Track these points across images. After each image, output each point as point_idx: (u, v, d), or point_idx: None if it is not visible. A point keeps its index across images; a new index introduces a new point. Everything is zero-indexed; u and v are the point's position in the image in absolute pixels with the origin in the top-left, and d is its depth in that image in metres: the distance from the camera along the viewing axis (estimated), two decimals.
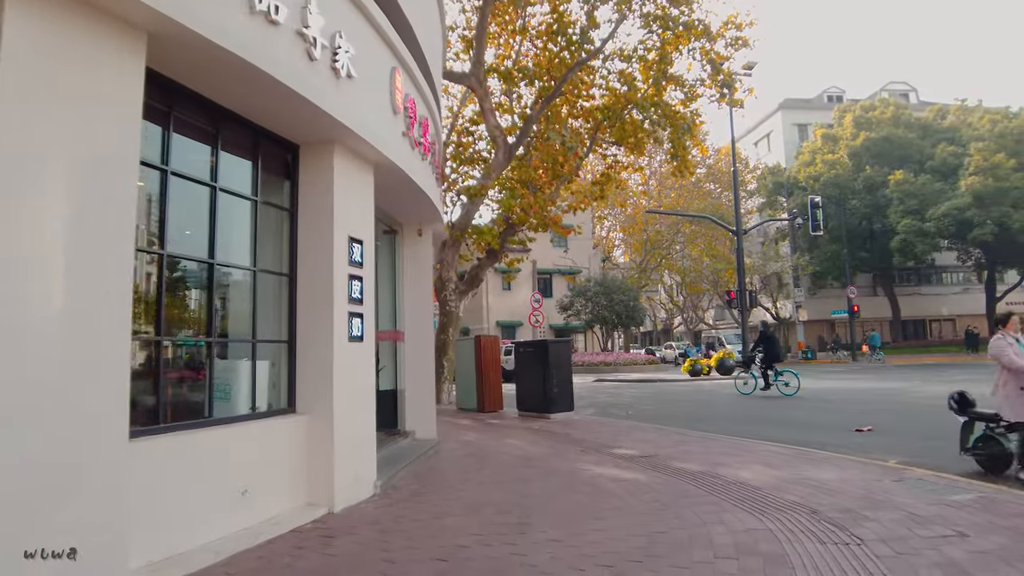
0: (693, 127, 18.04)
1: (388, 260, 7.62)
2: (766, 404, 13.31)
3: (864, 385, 17.45)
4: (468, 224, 16.01)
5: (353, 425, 4.79)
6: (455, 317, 15.94)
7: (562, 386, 10.94)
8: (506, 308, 39.79)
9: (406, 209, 7.12)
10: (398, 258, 7.63)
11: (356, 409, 4.86)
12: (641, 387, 20.57)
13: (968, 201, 33.65)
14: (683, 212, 36.86)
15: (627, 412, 12.72)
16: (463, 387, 13.20)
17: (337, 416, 4.56)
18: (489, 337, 12.72)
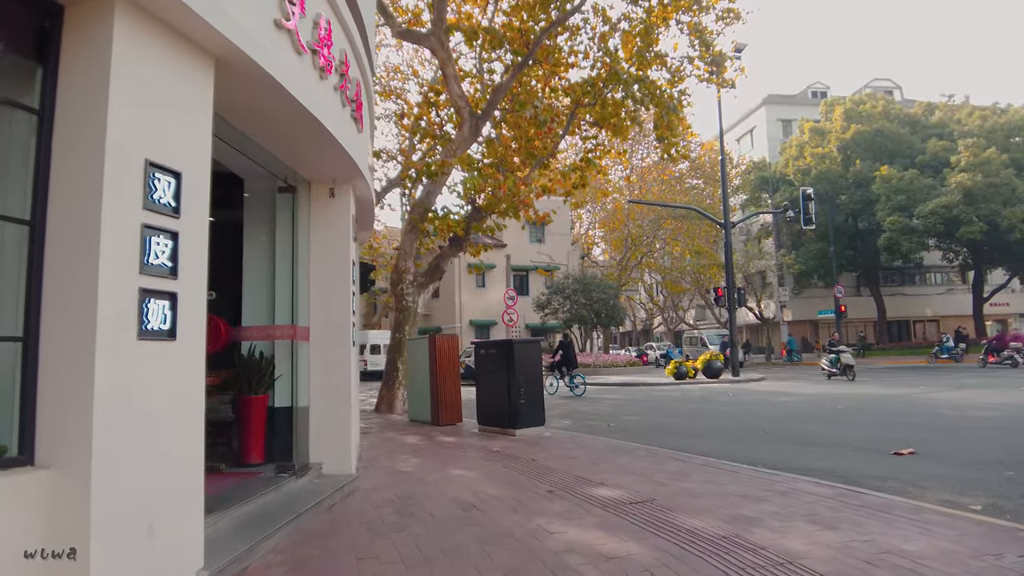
0: (679, 107, 16.26)
1: (285, 227, 5.60)
2: (764, 415, 11.49)
3: (867, 391, 15.74)
4: (429, 207, 14.01)
5: (145, 479, 2.78)
6: (413, 313, 13.93)
7: (531, 395, 8.99)
8: (480, 306, 37.80)
9: (306, 157, 5.12)
10: (298, 225, 5.61)
11: (154, 452, 2.85)
12: (623, 392, 18.71)
13: (957, 198, 32.34)
14: (668, 203, 35.16)
15: (608, 424, 10.81)
16: (415, 395, 11.20)
17: (101, 469, 2.56)
18: (446, 336, 10.72)
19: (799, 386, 18.50)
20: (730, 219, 24.31)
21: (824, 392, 15.86)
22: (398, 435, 9.43)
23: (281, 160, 5.19)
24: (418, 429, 10.11)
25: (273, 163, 5.26)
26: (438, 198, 19.23)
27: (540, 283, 39.31)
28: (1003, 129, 35.10)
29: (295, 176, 5.45)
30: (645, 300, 57.87)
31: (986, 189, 31.62)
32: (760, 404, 13.50)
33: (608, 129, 16.82)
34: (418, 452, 7.72)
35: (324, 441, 5.52)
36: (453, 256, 14.37)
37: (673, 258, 44.24)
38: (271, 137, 4.77)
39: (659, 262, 44.89)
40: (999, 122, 35.60)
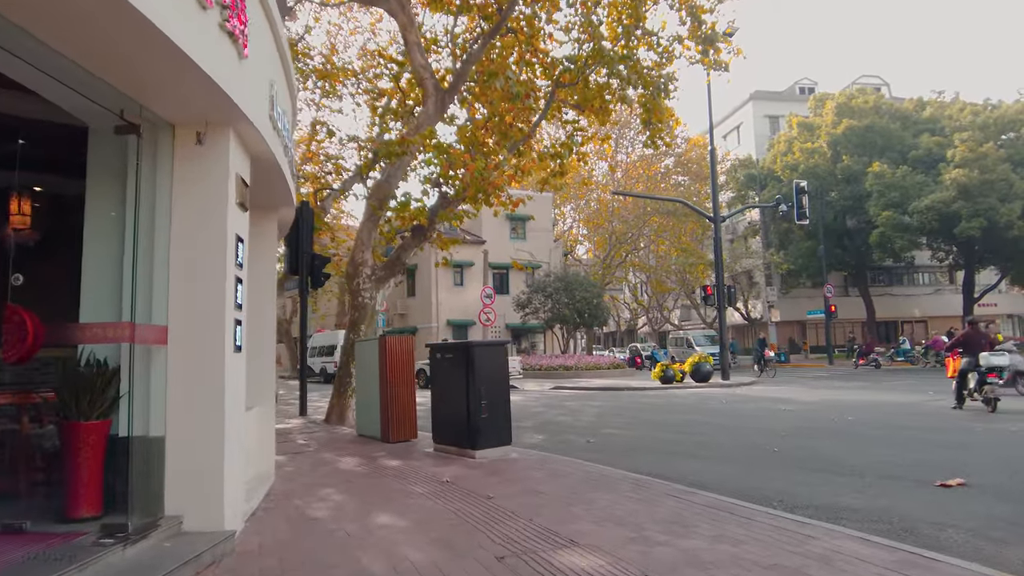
0: (667, 89, 14.82)
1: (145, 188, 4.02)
2: (766, 428, 10.05)
3: (868, 398, 14.41)
4: (389, 193, 12.45)
5: None
6: (370, 311, 12.36)
7: (495, 408, 7.46)
8: (458, 306, 36.22)
9: (151, 83, 3.56)
10: (155, 183, 4.04)
11: None
12: (607, 397, 17.24)
13: (953, 194, 31.28)
14: (654, 196, 33.83)
15: (588, 440, 9.31)
16: (364, 406, 9.63)
17: None
18: (399, 337, 9.16)
19: (796, 391, 17.15)
20: (719, 213, 22.95)
21: (826, 399, 14.49)
22: (336, 456, 7.86)
23: (118, 89, 3.62)
24: (363, 448, 8.53)
25: (114, 96, 3.70)
26: (403, 184, 17.72)
27: (521, 281, 37.82)
28: (996, 124, 34.15)
29: (143, 113, 3.87)
30: (630, 300, 56.64)
31: (982, 185, 30.60)
32: (759, 414, 12.08)
33: (591, 112, 15.36)
34: (349, 483, 6.15)
35: (186, 485, 3.94)
36: (415, 247, 12.80)
37: (658, 257, 42.98)
38: (91, 50, 3.21)
39: (644, 261, 43.61)
40: (992, 117, 34.65)
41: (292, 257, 13.73)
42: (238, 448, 4.37)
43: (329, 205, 21.01)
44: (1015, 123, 33.72)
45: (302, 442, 9.26)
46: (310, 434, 10.15)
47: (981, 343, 11.62)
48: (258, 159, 4.96)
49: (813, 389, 17.74)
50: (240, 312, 4.44)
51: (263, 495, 5.51)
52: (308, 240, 13.86)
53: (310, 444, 9.00)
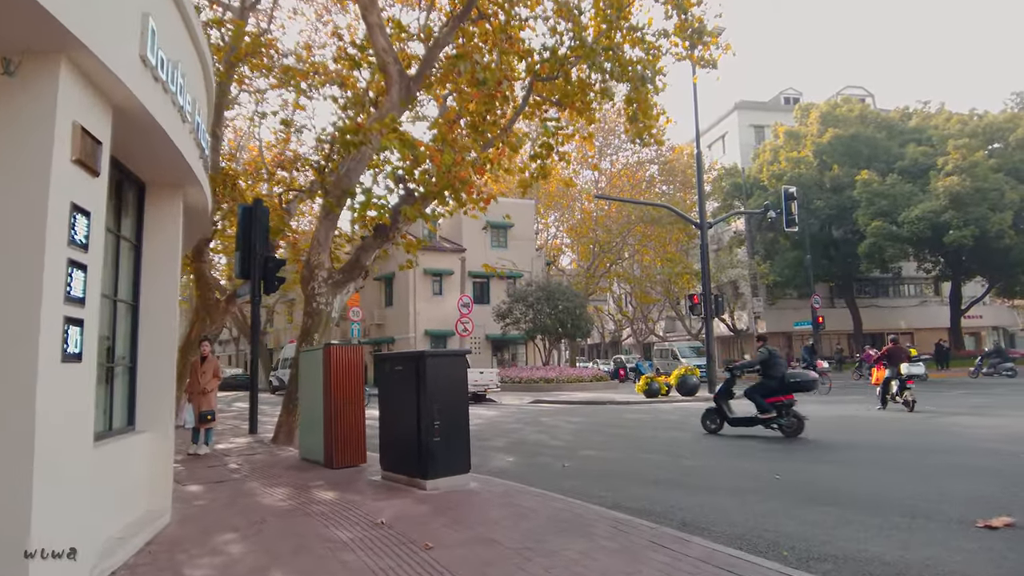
0: (654, 81, 13.84)
1: None
2: (762, 450, 8.99)
3: (869, 414, 13.42)
4: (349, 189, 11.31)
5: None
6: (325, 318, 11.19)
7: (451, 430, 6.32)
8: (436, 315, 35.00)
9: None
10: None
11: None
12: (588, 412, 16.11)
13: (944, 203, 30.67)
14: (639, 201, 32.99)
15: (563, 464, 8.19)
16: (308, 425, 8.44)
17: None
18: (346, 347, 7.98)
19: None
20: (706, 220, 22.03)
21: (818, 414, 13.47)
22: (264, 486, 6.67)
23: None
24: (300, 475, 7.35)
25: None
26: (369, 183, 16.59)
27: (502, 291, 36.72)
28: (984, 133, 33.71)
29: None
30: (614, 311, 55.73)
31: (975, 193, 30.02)
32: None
33: (572, 110, 14.37)
34: (260, 526, 4.98)
35: None
36: (377, 248, 11.65)
37: (643, 267, 42.10)
38: None
39: (628, 271, 42.71)
40: (980, 126, 34.22)
41: (243, 259, 12.56)
42: (71, 493, 3.20)
43: (295, 208, 19.86)
44: (1004, 132, 33.27)
45: (234, 466, 8.06)
46: (249, 457, 8.94)
47: (902, 356, 13.68)
48: (124, 112, 3.82)
49: (802, 404, 16.73)
50: (79, 309, 3.29)
51: (141, 544, 4.33)
52: (262, 241, 12.70)
53: (242, 469, 7.80)
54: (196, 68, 5.33)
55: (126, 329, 5.05)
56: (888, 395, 13.74)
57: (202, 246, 18.52)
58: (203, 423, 9.11)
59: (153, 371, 5.16)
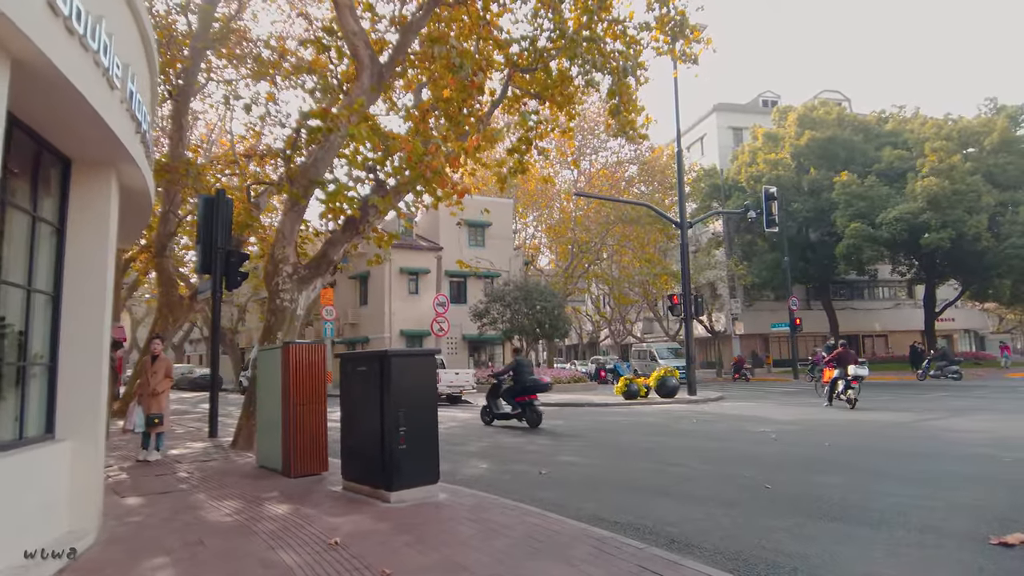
0: (635, 73, 13.44)
1: None
2: (751, 456, 8.58)
3: (854, 417, 13.12)
4: (316, 179, 10.69)
5: None
6: (290, 316, 10.56)
7: (418, 437, 5.78)
8: (412, 315, 34.33)
9: None
10: None
11: None
12: (567, 415, 15.63)
13: (922, 205, 30.76)
14: (619, 199, 32.70)
15: (540, 472, 7.69)
16: (266, 430, 7.83)
17: None
18: (307, 345, 7.38)
19: (768, 408, 15.82)
20: (686, 219, 21.69)
21: (806, 418, 13.15)
22: (212, 498, 6.06)
23: None
24: (254, 485, 6.74)
25: None
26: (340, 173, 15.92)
27: (480, 291, 36.16)
28: (960, 137, 33.92)
29: None
30: (592, 312, 55.44)
31: (952, 195, 30.13)
32: (737, 436, 10.62)
33: (552, 104, 13.90)
34: (196, 548, 4.39)
35: None
36: (346, 243, 11.04)
37: (621, 268, 41.82)
38: None
39: (607, 272, 42.40)
40: (955, 130, 34.43)
41: (205, 253, 11.88)
42: None
43: (264, 202, 19.11)
44: (979, 136, 33.52)
45: (184, 475, 7.42)
46: (202, 464, 8.30)
47: (850, 359, 15.06)
48: (28, 68, 3.23)
49: (784, 406, 16.46)
50: None
51: (52, 572, 3.71)
52: (224, 234, 12.03)
53: (192, 478, 7.17)
54: (130, 29, 4.73)
55: (44, 323, 4.43)
56: (834, 393, 15.36)
57: (165, 240, 17.73)
58: (151, 427, 8.44)
59: (78, 372, 4.55)
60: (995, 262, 32.56)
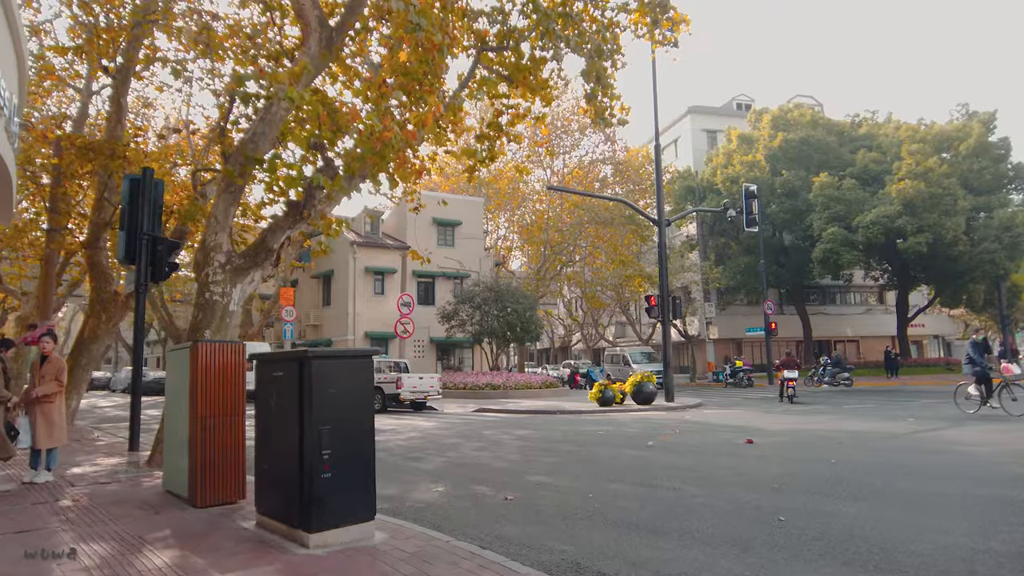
0: (613, 54, 12.34)
1: None
2: (751, 479, 7.45)
3: (837, 426, 12.13)
4: (256, 155, 9.32)
5: None
6: (221, 312, 9.16)
7: (348, 461, 4.50)
8: (378, 316, 32.85)
9: None
10: None
11: None
12: (538, 424, 14.42)
13: (899, 208, 30.29)
14: (596, 194, 31.72)
15: (506, 497, 6.44)
16: (173, 447, 6.44)
17: None
18: (220, 344, 6.02)
19: (751, 416, 14.80)
20: (664, 216, 20.68)
21: (795, 428, 12.12)
22: (81, 538, 4.68)
23: None
24: (147, 519, 5.38)
25: None
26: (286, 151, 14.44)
27: (449, 292, 34.84)
28: (934, 142, 33.61)
29: None
30: (564, 315, 54.45)
31: (930, 198, 29.70)
32: (728, 451, 9.50)
33: (524, 88, 12.69)
34: None
35: None
36: (288, 228, 9.67)
37: (594, 270, 40.85)
38: None
39: (580, 274, 41.40)
40: (929, 134, 34.14)
41: (129, 240, 10.40)
42: None
43: (211, 191, 17.60)
44: (954, 140, 33.25)
45: (68, 503, 6.01)
46: (100, 487, 6.88)
47: (791, 364, 19.32)
48: None
49: (766, 413, 15.47)
50: None
51: None
52: (152, 219, 10.55)
53: (74, 508, 5.77)
54: None
55: None
56: (784, 391, 19.21)
57: (99, 230, 16.09)
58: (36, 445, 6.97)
59: None
60: (969, 267, 32.29)
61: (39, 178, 18.47)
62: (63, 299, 25.18)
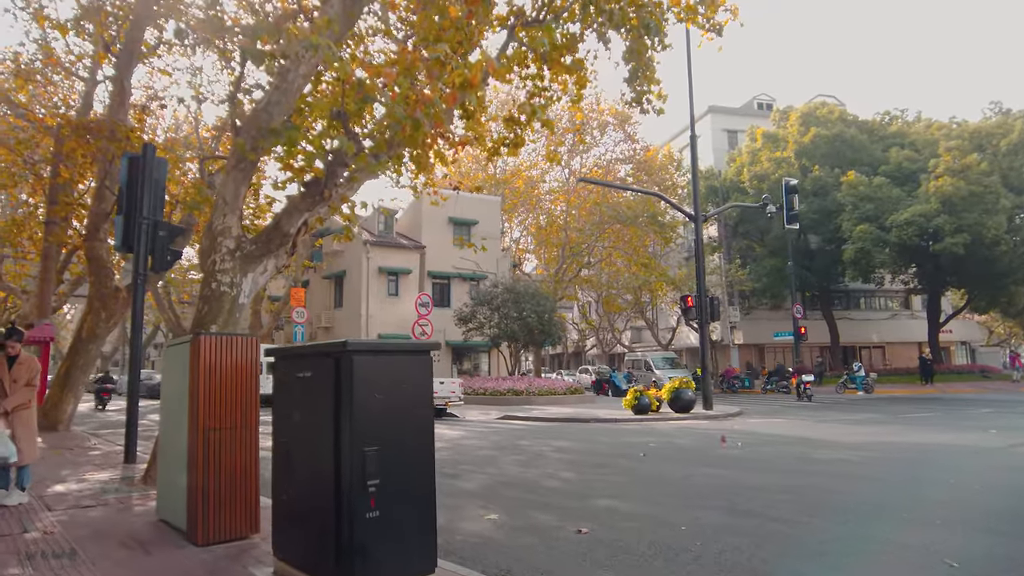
0: (661, 28, 11.13)
1: None
2: (877, 507, 6.18)
3: (911, 439, 10.83)
4: (271, 126, 8.12)
5: None
6: (229, 304, 7.94)
7: (401, 493, 3.28)
8: (392, 318, 31.69)
9: None
10: None
11: None
12: (575, 433, 13.15)
13: (936, 207, 28.89)
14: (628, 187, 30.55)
15: (579, 530, 5.19)
16: (169, 464, 5.23)
17: None
18: (227, 337, 4.82)
19: (802, 425, 13.51)
20: (700, 211, 19.41)
21: (867, 440, 10.82)
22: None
23: None
24: (132, 563, 4.17)
25: None
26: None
27: (465, 294, 33.65)
28: (972, 139, 32.18)
29: None
30: (578, 320, 53.11)
31: (968, 197, 28.27)
32: (810, 467, 8.21)
33: (558, 68, 11.46)
34: None
35: None
36: (307, 211, 8.47)
37: (611, 274, 39.53)
38: None
39: (596, 277, 40.08)
40: (966, 131, 32.73)
41: (126, 226, 9.26)
42: None
43: (220, 179, 16.51)
44: (993, 137, 31.82)
45: (35, 535, 4.81)
46: (81, 512, 5.68)
47: (807, 371, 23.80)
48: None
49: (819, 423, 14.17)
50: None
51: None
52: (152, 203, 9.41)
53: (39, 545, 4.56)
54: None
55: None
56: (801, 390, 22.84)
57: (99, 221, 14.98)
58: None
59: None
60: (1010, 268, 30.84)
61: (38, 169, 17.44)
62: (64, 297, 24.18)
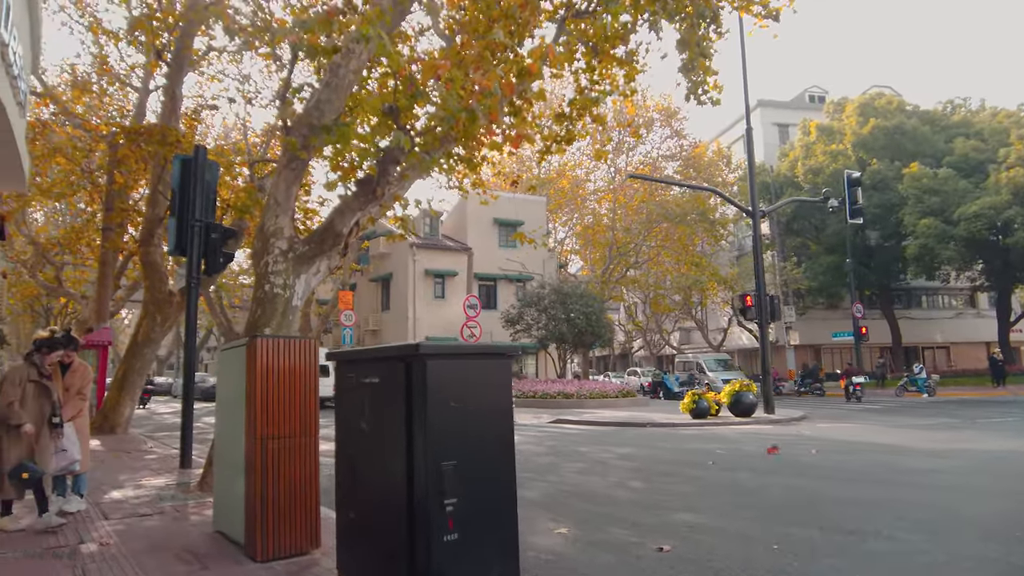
0: (717, 18, 10.65)
1: None
2: (1004, 526, 5.58)
3: (998, 445, 9.99)
4: (323, 124, 7.90)
5: None
6: (283, 307, 7.74)
7: (481, 513, 2.92)
8: (438, 321, 31.61)
9: None
10: None
11: None
12: (633, 438, 12.65)
13: (1007, 198, 27.31)
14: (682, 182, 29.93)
15: (660, 548, 4.75)
16: (225, 473, 5.00)
17: None
18: (285, 339, 4.53)
19: (873, 430, 12.71)
20: (758, 206, 18.65)
21: (949, 447, 10.04)
22: None
23: None
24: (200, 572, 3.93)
25: None
26: None
27: (511, 295, 33.36)
28: None
29: None
30: (625, 321, 52.29)
31: None
32: (900, 478, 7.58)
33: (609, 60, 11.01)
34: None
35: None
36: (359, 209, 8.22)
37: (658, 274, 38.65)
38: None
39: (644, 277, 39.27)
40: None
41: (180, 229, 9.19)
42: None
43: (270, 184, 16.58)
44: None
45: (91, 547, 4.63)
46: (137, 520, 5.51)
47: (852, 372, 24.39)
48: None
49: (890, 428, 13.34)
50: None
51: None
52: (204, 205, 9.32)
53: (93, 559, 4.37)
54: None
55: None
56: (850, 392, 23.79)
57: (154, 226, 15.14)
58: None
59: None
60: None
61: (95, 177, 17.81)
62: (122, 302, 24.74)
